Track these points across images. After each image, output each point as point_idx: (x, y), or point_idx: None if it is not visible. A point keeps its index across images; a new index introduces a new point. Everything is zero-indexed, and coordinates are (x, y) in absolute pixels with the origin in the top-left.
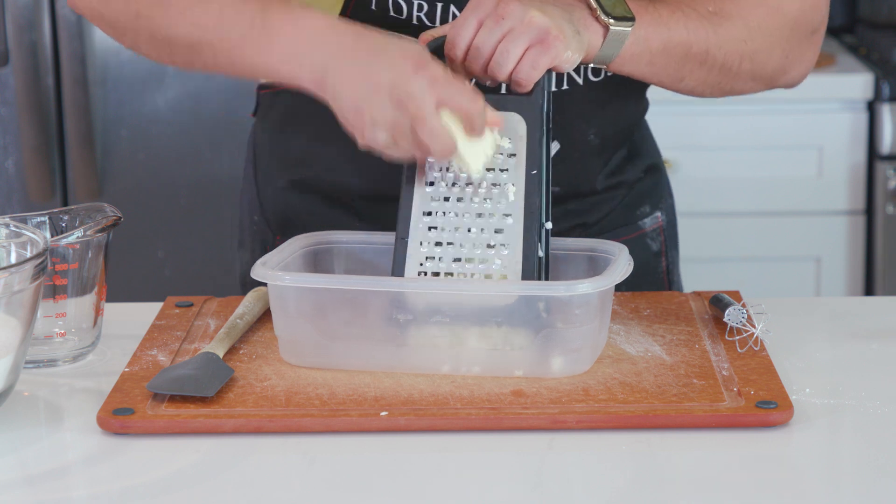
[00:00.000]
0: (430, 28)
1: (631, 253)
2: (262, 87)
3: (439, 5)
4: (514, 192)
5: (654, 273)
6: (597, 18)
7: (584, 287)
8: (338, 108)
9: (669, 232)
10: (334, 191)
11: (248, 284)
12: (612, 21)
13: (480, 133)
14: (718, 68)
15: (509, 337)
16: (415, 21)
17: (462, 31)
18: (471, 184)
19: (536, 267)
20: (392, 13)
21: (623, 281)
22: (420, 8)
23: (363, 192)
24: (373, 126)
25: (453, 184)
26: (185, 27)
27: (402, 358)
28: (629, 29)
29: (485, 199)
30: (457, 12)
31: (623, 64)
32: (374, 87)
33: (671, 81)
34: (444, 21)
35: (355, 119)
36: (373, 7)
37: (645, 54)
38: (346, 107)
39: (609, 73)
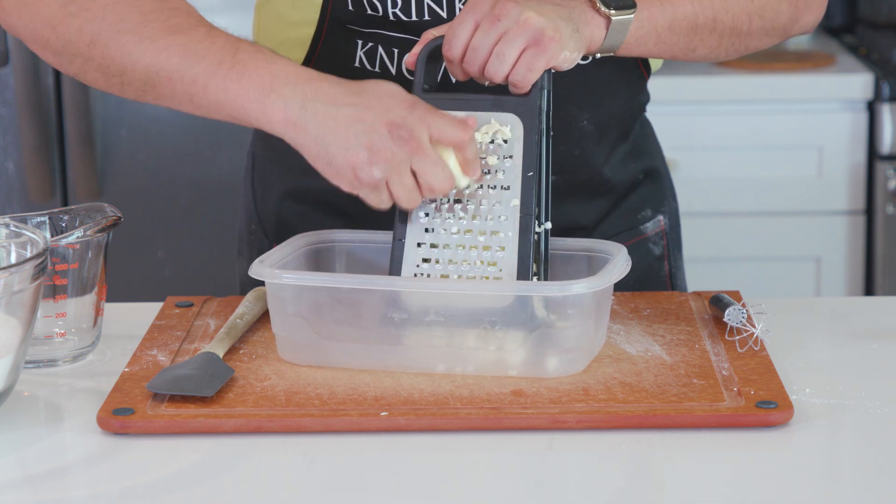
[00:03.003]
0: (405, 23)
1: (633, 257)
2: None
3: (413, 0)
4: (510, 193)
5: (657, 277)
6: (597, 11)
7: (578, 287)
8: (317, 151)
9: (672, 235)
10: (330, 199)
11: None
12: (613, 11)
13: (475, 164)
14: (729, 32)
15: (504, 337)
16: (391, 17)
17: (459, 32)
18: (468, 186)
19: (532, 268)
20: (369, 11)
21: (625, 285)
22: (394, 4)
23: (358, 200)
24: (370, 164)
25: None
26: (144, 58)
27: (397, 357)
28: (632, 16)
29: (481, 200)
30: (432, 4)
31: (630, 48)
32: (370, 127)
33: (683, 54)
34: (420, 16)
35: (345, 159)
36: (350, 7)
37: (651, 35)
38: (332, 148)
39: (598, 57)
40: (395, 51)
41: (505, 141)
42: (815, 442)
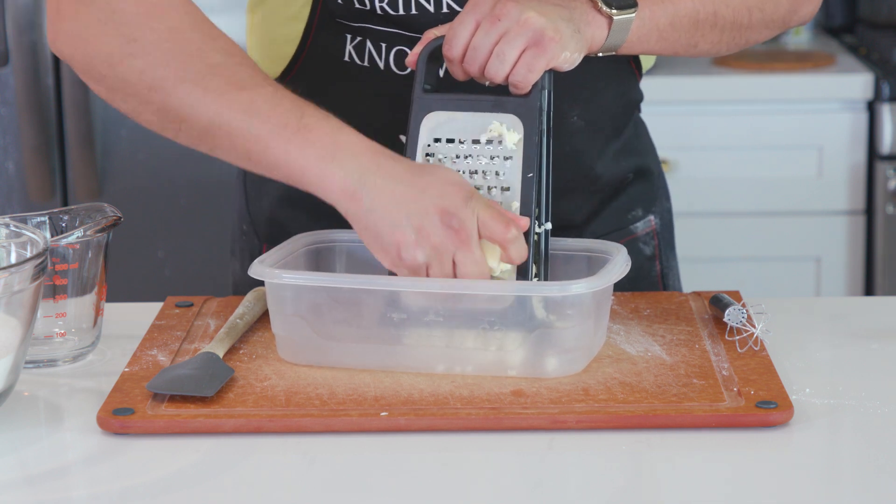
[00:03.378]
0: (392, 17)
1: None
2: None
3: None
4: (510, 194)
5: (648, 277)
6: (599, 11)
7: (578, 287)
8: (367, 224)
9: (664, 236)
10: (322, 202)
11: (241, 293)
12: (614, 11)
13: (518, 261)
14: (730, 26)
15: (503, 337)
16: (378, 11)
17: (459, 32)
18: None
19: (531, 268)
20: (357, 5)
21: (616, 285)
22: None
23: None
24: (416, 246)
25: None
26: (208, 110)
27: (396, 357)
28: (633, 15)
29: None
30: (422, 0)
31: (632, 47)
32: (423, 210)
33: (685, 50)
34: (407, 10)
35: (392, 236)
36: (339, 1)
37: (653, 33)
38: (382, 223)
39: (599, 55)
40: (384, 45)
41: (511, 149)
42: (815, 442)
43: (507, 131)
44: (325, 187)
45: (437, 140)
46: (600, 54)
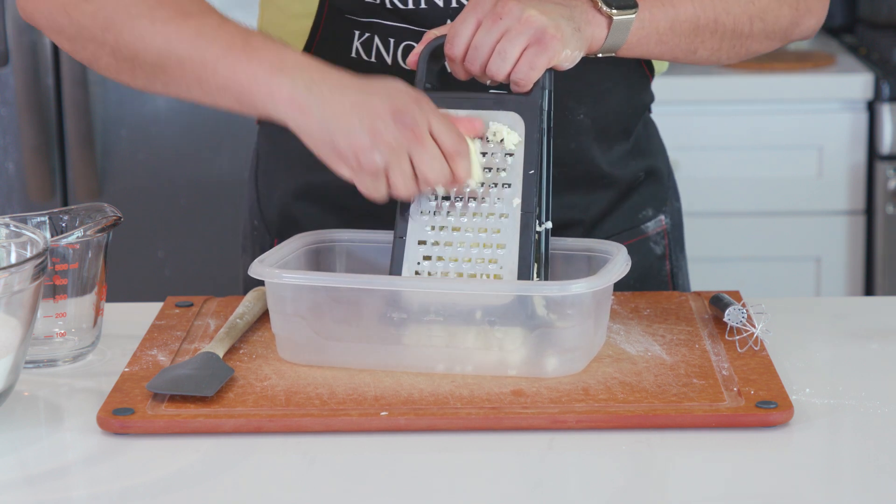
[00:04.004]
0: (401, 11)
1: (634, 257)
2: None
3: None
4: (511, 191)
5: (658, 277)
6: (599, 10)
7: (578, 287)
8: (320, 135)
9: (674, 235)
10: (333, 196)
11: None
12: (614, 11)
13: (462, 178)
14: (730, 34)
15: (503, 336)
16: (388, 5)
17: (461, 31)
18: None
19: (533, 267)
20: None
21: (625, 284)
22: None
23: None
24: (372, 148)
25: None
26: (156, 41)
27: (396, 356)
28: (633, 16)
29: (482, 198)
30: None
31: (632, 49)
32: (374, 111)
33: (684, 55)
34: (416, 4)
35: (347, 141)
36: None
37: (653, 36)
38: (336, 131)
39: (599, 56)
40: (392, 40)
41: (513, 147)
42: (815, 442)
43: (508, 129)
44: (274, 100)
45: None
46: (600, 55)
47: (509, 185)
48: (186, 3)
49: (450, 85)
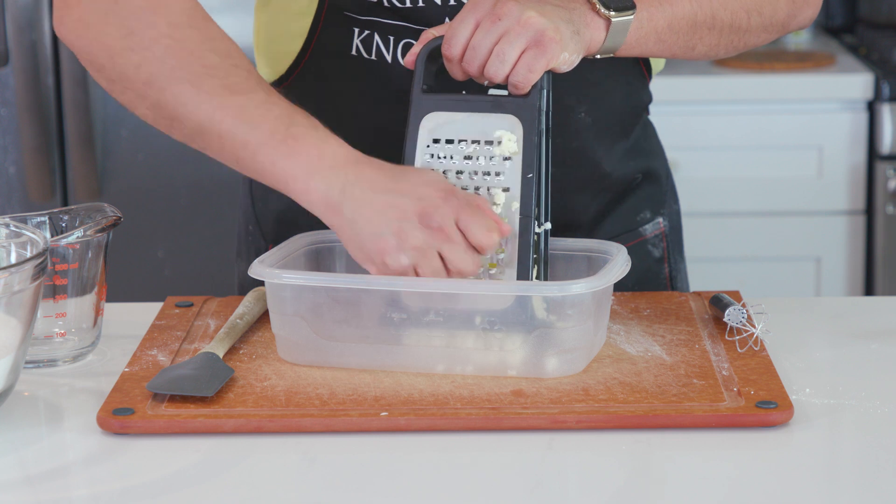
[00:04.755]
0: (400, 9)
1: (632, 259)
2: None
3: None
4: (509, 195)
5: (657, 279)
6: (597, 12)
7: (578, 287)
8: (350, 235)
9: (673, 237)
10: None
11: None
12: (612, 13)
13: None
14: (728, 29)
15: (503, 337)
16: (386, 3)
17: (459, 31)
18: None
19: (532, 269)
20: None
21: (624, 286)
22: None
23: None
24: (398, 251)
25: None
26: (199, 111)
27: (396, 357)
28: (631, 17)
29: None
30: None
31: (630, 48)
32: (401, 214)
33: (683, 52)
34: (414, 2)
35: (374, 245)
36: None
37: (651, 35)
38: (364, 233)
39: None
40: (391, 38)
41: (511, 150)
42: (815, 442)
43: (507, 132)
44: (310, 200)
45: (436, 141)
46: (598, 56)
47: (507, 189)
48: (234, 76)
49: (448, 85)
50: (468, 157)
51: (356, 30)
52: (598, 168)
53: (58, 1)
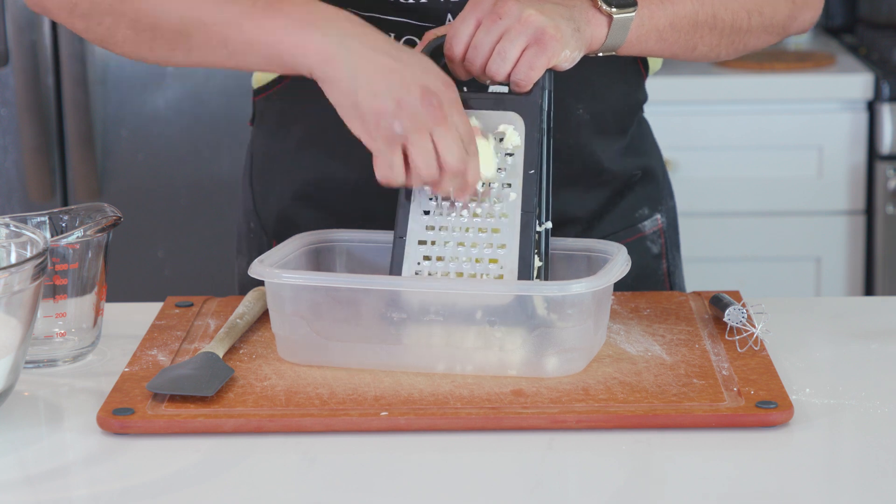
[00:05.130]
0: (403, 6)
1: (631, 256)
2: (256, 93)
3: None
4: (511, 191)
5: (655, 276)
6: (599, 9)
7: (578, 287)
8: (346, 90)
9: (670, 234)
10: (330, 198)
11: (246, 291)
12: (614, 10)
13: (477, 174)
14: (729, 29)
15: (503, 336)
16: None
17: (460, 30)
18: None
19: (533, 267)
20: None
21: (623, 283)
22: None
23: (357, 188)
24: (394, 116)
25: None
26: (178, 6)
27: (396, 356)
28: (633, 14)
29: (482, 198)
30: None
31: (631, 47)
32: (404, 82)
33: (684, 52)
34: None
35: (371, 103)
36: None
37: (652, 33)
38: (362, 90)
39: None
40: (392, 35)
41: (513, 147)
42: (815, 442)
43: (510, 130)
44: (305, 52)
45: None
46: (600, 54)
47: (509, 185)
48: None
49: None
50: None
51: None
52: (597, 164)
53: None
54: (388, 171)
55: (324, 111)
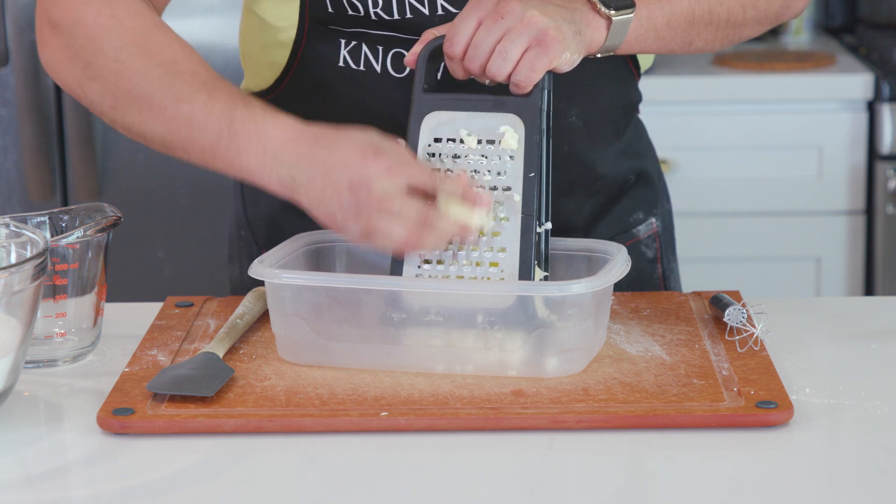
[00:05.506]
0: (388, 21)
1: None
2: None
3: None
4: (511, 194)
5: (650, 280)
6: (598, 12)
7: (578, 287)
8: (317, 214)
9: (665, 238)
10: None
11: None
12: (613, 12)
13: (428, 247)
14: (724, 23)
15: (503, 337)
16: (373, 16)
17: (461, 29)
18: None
19: (534, 269)
20: (350, 11)
21: (618, 288)
22: (375, 4)
23: None
24: (345, 225)
25: None
26: (158, 128)
27: (396, 357)
28: (631, 15)
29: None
30: (413, 2)
31: (630, 46)
32: (336, 188)
33: (681, 48)
34: (402, 14)
35: (332, 223)
36: (329, 9)
37: (650, 33)
38: (322, 214)
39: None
40: (380, 48)
41: (513, 149)
42: (815, 442)
43: (510, 131)
44: (272, 190)
45: (437, 140)
46: (599, 55)
47: (509, 188)
48: (178, 84)
49: (447, 86)
50: (470, 156)
51: (342, 41)
52: (591, 170)
53: (38, 41)
54: (382, 250)
55: (314, 118)
